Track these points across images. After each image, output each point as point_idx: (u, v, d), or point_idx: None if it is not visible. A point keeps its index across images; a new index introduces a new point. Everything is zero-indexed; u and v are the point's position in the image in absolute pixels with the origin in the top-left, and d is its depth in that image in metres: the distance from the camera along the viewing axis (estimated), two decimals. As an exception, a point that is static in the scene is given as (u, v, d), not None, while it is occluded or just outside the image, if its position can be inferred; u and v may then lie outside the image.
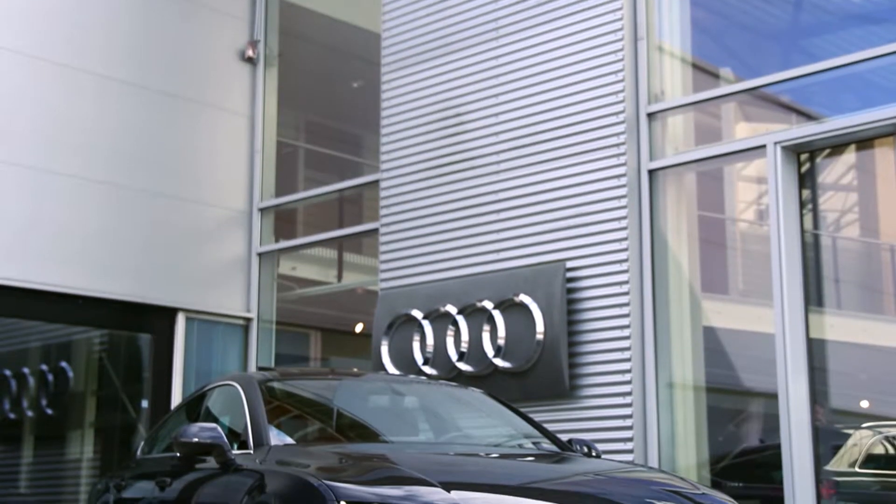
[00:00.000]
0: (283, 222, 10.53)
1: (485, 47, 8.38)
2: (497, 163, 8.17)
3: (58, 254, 8.93)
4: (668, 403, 7.32)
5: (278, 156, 10.56)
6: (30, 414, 9.73)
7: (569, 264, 7.58)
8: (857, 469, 6.87)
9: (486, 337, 7.78)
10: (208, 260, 9.92)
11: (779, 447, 6.69)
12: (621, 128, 7.55)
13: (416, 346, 8.18)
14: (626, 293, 7.33)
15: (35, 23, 9.08)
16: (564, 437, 5.99)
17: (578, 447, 5.81)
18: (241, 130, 10.34)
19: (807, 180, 7.14)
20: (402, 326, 8.33)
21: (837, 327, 7.08)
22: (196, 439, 5.22)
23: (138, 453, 6.89)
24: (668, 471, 6.68)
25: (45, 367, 9.79)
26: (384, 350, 8.36)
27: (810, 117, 7.31)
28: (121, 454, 9.42)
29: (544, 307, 7.52)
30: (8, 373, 9.68)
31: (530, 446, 5.76)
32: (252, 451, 5.16)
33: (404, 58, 8.94)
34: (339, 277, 10.94)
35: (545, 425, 6.29)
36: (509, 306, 7.72)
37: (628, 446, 7.11)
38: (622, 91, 7.59)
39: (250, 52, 10.45)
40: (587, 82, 7.76)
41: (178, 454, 5.54)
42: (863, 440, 6.94)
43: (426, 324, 8.16)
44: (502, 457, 5.33)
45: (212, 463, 5.31)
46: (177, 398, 9.41)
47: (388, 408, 6.07)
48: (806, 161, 7.14)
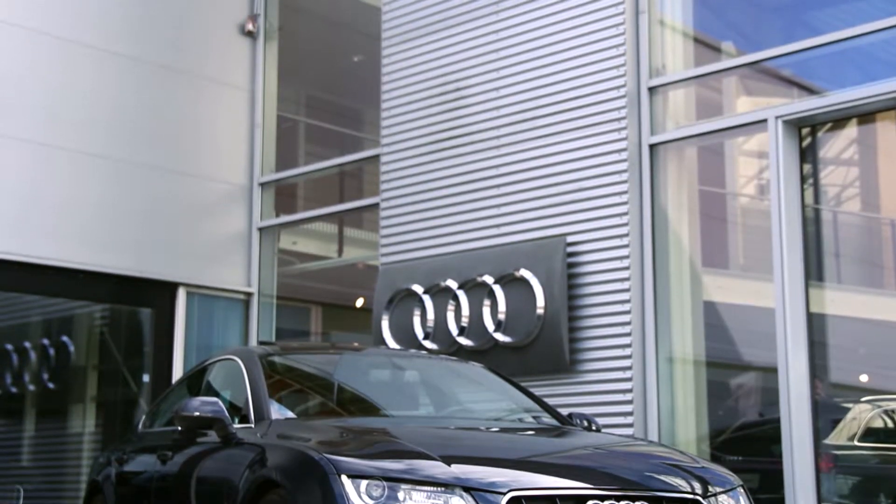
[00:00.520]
0: (284, 197, 10.52)
1: (485, 21, 8.35)
2: (498, 137, 8.15)
3: (58, 228, 8.93)
4: (667, 378, 7.33)
5: (278, 130, 10.54)
6: (31, 388, 9.77)
7: (569, 239, 7.58)
8: (856, 442, 6.89)
9: (486, 311, 7.79)
10: (209, 234, 9.92)
11: (778, 421, 6.71)
12: (622, 102, 7.53)
13: (417, 320, 8.19)
14: (627, 268, 7.33)
15: (34, -4, 9.05)
16: (564, 412, 6.01)
17: (578, 421, 5.83)
18: (241, 105, 10.32)
19: (808, 155, 7.13)
20: (403, 301, 8.34)
21: (837, 302, 7.09)
22: (197, 413, 5.23)
23: (139, 427, 6.92)
24: (667, 445, 6.70)
25: (46, 341, 9.81)
26: (385, 325, 8.37)
27: (812, 91, 7.29)
28: (122, 428, 9.45)
29: (545, 282, 7.52)
30: (9, 347, 9.71)
31: (530, 420, 5.78)
32: (253, 425, 5.17)
33: (405, 32, 8.91)
34: (340, 252, 10.94)
35: (545, 399, 6.30)
36: (510, 281, 7.72)
37: (628, 420, 7.14)
38: (623, 65, 7.56)
39: (250, 26, 10.41)
40: (588, 56, 7.73)
41: (180, 428, 5.56)
42: (862, 414, 6.96)
43: (427, 298, 8.17)
44: (502, 431, 5.35)
45: (213, 437, 5.33)
46: (178, 372, 9.43)
47: (389, 382, 6.09)
48: (807, 135, 7.13)
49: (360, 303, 10.53)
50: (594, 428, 5.82)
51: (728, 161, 8.18)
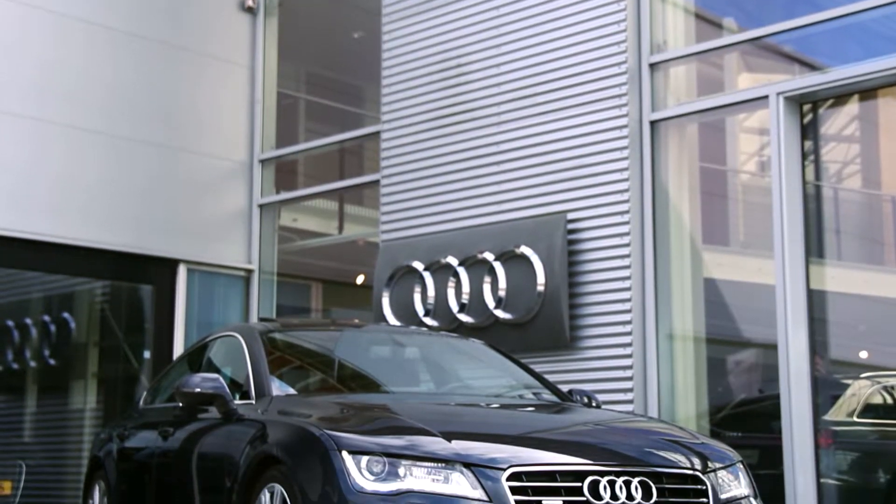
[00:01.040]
0: (284, 174, 10.50)
1: (486, -3, 8.32)
2: (498, 114, 8.13)
3: (57, 204, 8.93)
4: (668, 354, 7.35)
5: (279, 107, 10.51)
6: (33, 364, 9.78)
7: (570, 216, 7.57)
8: (855, 418, 6.91)
9: (486, 288, 7.80)
10: (209, 211, 9.92)
11: (778, 397, 6.73)
12: (623, 78, 7.51)
13: (417, 297, 8.19)
14: (627, 245, 7.33)
15: (32, -28, 9.01)
16: (564, 388, 6.03)
17: (578, 398, 5.84)
18: (241, 81, 10.29)
19: (809, 131, 7.11)
20: (403, 278, 8.34)
21: (838, 278, 7.09)
22: (198, 389, 5.25)
23: (141, 403, 6.94)
24: (667, 421, 6.72)
25: (47, 317, 9.82)
26: (385, 301, 8.38)
27: (813, 67, 7.26)
28: (123, 404, 9.48)
29: (545, 258, 7.53)
30: (10, 323, 9.72)
31: (531, 397, 5.79)
32: (254, 402, 5.19)
33: (405, 8, 8.87)
34: (340, 229, 10.94)
35: (545, 376, 6.32)
36: (510, 258, 7.72)
37: (628, 397, 7.15)
38: (624, 41, 7.53)
39: (250, 2, 10.37)
40: (589, 32, 7.71)
41: (181, 404, 5.58)
42: (861, 390, 6.97)
43: (427, 275, 8.17)
44: (503, 407, 5.37)
45: (214, 413, 5.34)
46: (178, 349, 9.45)
47: (390, 358, 6.10)
48: (808, 112, 7.11)
49: (360, 279, 10.53)
50: (594, 404, 5.83)
51: (729, 138, 8.17)
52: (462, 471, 4.12)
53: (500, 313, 7.70)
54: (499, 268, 7.74)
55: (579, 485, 4.15)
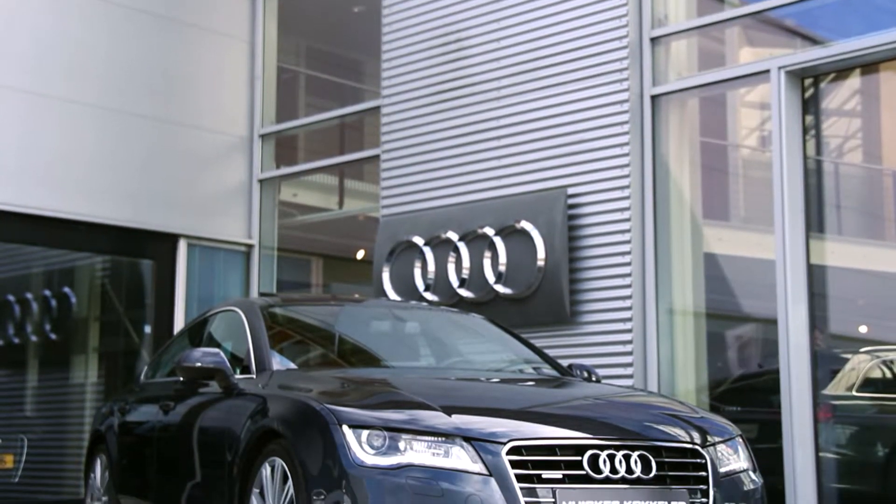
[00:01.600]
0: (284, 149, 10.49)
1: (486, -30, 8.28)
2: (499, 88, 8.11)
3: (56, 179, 8.92)
4: (668, 329, 7.35)
5: (279, 81, 10.48)
6: (34, 339, 9.80)
7: (570, 191, 7.57)
8: (854, 393, 6.93)
9: (487, 263, 7.80)
10: (209, 186, 9.91)
11: (777, 372, 6.75)
12: (624, 53, 7.48)
13: (418, 272, 8.20)
14: (628, 219, 7.32)
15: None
16: (565, 363, 6.04)
17: (578, 372, 5.86)
18: (240, 55, 10.26)
19: (810, 106, 7.09)
20: (404, 253, 8.35)
21: (838, 253, 7.09)
22: (199, 364, 5.26)
23: (142, 378, 6.96)
24: (667, 395, 6.74)
25: (48, 292, 9.83)
26: (385, 276, 8.39)
27: (815, 41, 7.23)
28: (124, 378, 9.50)
29: (545, 233, 7.52)
30: (11, 298, 9.73)
31: (531, 371, 5.80)
32: (254, 376, 5.20)
33: (405, -19, 8.83)
34: (341, 204, 10.93)
35: (545, 351, 6.33)
36: (510, 233, 7.72)
37: (628, 371, 7.17)
38: (625, 15, 7.50)
39: (249, -24, 10.33)
40: (590, 6, 7.67)
41: (181, 379, 5.59)
42: (861, 364, 6.99)
43: (427, 250, 8.17)
44: (503, 381, 5.38)
45: (214, 387, 5.36)
46: (179, 324, 9.46)
47: (390, 333, 6.11)
48: (810, 86, 7.09)
49: (360, 254, 10.53)
50: (594, 379, 5.85)
51: (730, 112, 8.14)
52: (462, 445, 4.13)
53: (500, 288, 7.71)
54: (499, 243, 7.74)
55: (579, 458, 4.17)
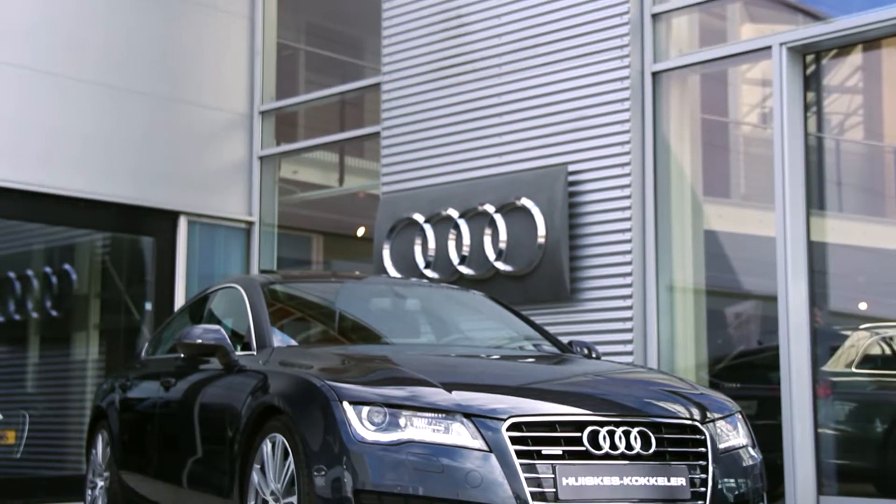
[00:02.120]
0: (284, 125, 10.47)
1: (487, -54, 8.24)
2: (499, 65, 8.09)
3: (56, 156, 8.90)
4: (668, 306, 7.36)
5: (279, 58, 10.45)
6: (35, 315, 9.80)
7: (571, 167, 7.56)
8: (853, 369, 6.95)
9: (487, 240, 7.80)
10: (209, 163, 9.90)
11: (777, 349, 6.76)
12: (625, 29, 7.46)
13: (418, 249, 8.20)
14: (628, 197, 7.32)
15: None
16: (565, 340, 6.05)
17: (578, 349, 5.87)
18: (240, 31, 10.22)
19: (812, 82, 7.07)
20: (404, 230, 8.35)
21: (838, 230, 7.09)
22: (200, 340, 5.27)
23: (142, 354, 6.97)
24: (667, 372, 6.76)
25: (48, 269, 9.83)
26: (386, 253, 8.39)
27: (817, 17, 7.20)
28: (125, 355, 9.51)
29: (546, 211, 7.52)
30: (12, 275, 9.73)
31: (531, 348, 5.81)
32: (255, 353, 5.21)
33: (405, -43, 8.79)
34: (341, 181, 10.92)
35: (546, 328, 6.34)
36: (511, 210, 7.72)
37: (628, 348, 7.18)
38: (626, -9, 7.47)
39: (249, -48, 10.28)
40: (591, -18, 7.64)
41: (182, 355, 5.60)
42: (860, 341, 7.00)
43: (428, 227, 8.17)
44: (503, 358, 5.39)
45: (215, 364, 5.37)
46: (179, 300, 9.47)
47: (390, 310, 6.12)
48: (811, 62, 7.07)
49: (361, 232, 10.53)
50: (594, 356, 5.86)
51: (731, 89, 8.12)
52: (462, 421, 4.14)
53: (500, 265, 7.71)
54: (499, 220, 7.74)
55: (579, 435, 4.18)
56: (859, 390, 7.02)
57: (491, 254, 7.77)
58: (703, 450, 4.40)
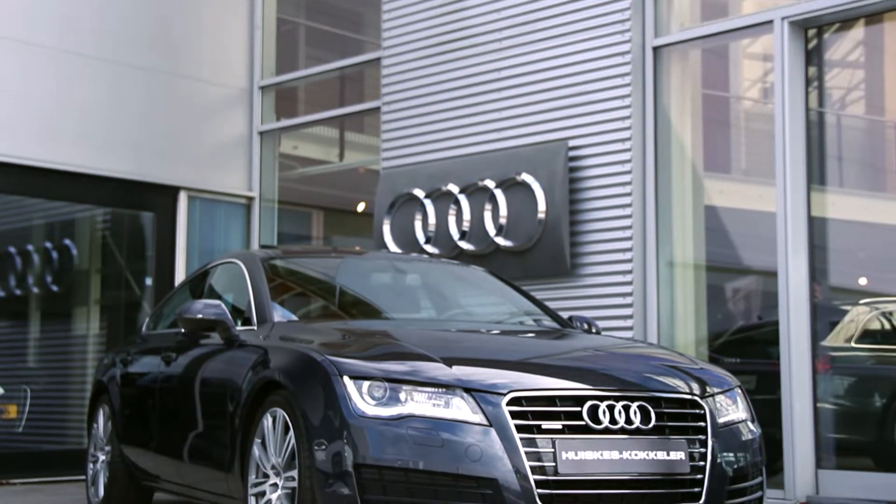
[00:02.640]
0: (285, 100, 10.44)
1: (488, -80, 8.19)
2: (500, 40, 8.06)
3: (56, 131, 8.88)
4: (668, 281, 7.37)
5: (279, 33, 10.41)
6: (35, 290, 9.82)
7: (571, 143, 7.55)
8: (853, 344, 6.96)
9: (487, 216, 7.80)
10: (209, 138, 9.88)
11: (776, 324, 6.77)
12: (626, 3, 7.43)
13: (418, 224, 8.20)
14: (629, 172, 7.31)
15: None
16: (565, 315, 6.06)
17: (578, 324, 5.88)
18: (240, 6, 10.18)
19: (813, 57, 7.05)
20: (404, 205, 8.34)
21: (839, 205, 7.08)
22: (200, 315, 5.28)
23: (143, 329, 6.98)
24: (667, 347, 6.77)
25: (49, 244, 9.83)
26: (386, 229, 8.39)
27: (819, -8, 7.16)
28: (126, 330, 9.53)
29: (546, 186, 7.51)
30: (12, 250, 9.73)
31: (531, 323, 5.83)
32: (255, 328, 5.22)
33: (405, -69, 8.75)
34: (341, 156, 10.90)
35: (546, 303, 6.35)
36: (511, 185, 7.71)
37: (628, 323, 7.19)
38: (627, -35, 7.44)
39: (248, -75, 10.22)
40: (592, -44, 7.60)
41: (183, 330, 5.61)
42: (860, 316, 7.01)
43: (428, 203, 8.16)
44: (503, 333, 5.40)
45: (216, 339, 5.38)
46: (180, 276, 9.48)
47: (391, 285, 6.12)
48: (813, 37, 7.04)
49: (361, 207, 10.53)
50: (594, 331, 5.87)
51: (732, 64, 8.10)
52: (462, 396, 4.16)
53: (500, 241, 7.71)
54: (500, 195, 7.74)
55: (578, 409, 4.19)
56: (858, 365, 7.04)
57: (491, 229, 7.77)
58: (702, 424, 4.41)
